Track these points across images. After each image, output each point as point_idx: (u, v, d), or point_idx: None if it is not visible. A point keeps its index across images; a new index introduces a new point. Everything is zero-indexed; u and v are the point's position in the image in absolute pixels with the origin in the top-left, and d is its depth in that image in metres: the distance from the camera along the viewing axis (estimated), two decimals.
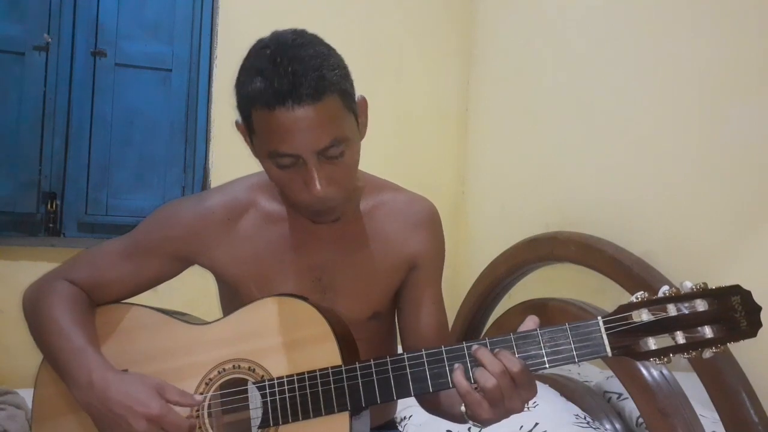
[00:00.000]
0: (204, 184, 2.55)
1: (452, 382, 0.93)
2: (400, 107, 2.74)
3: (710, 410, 1.50)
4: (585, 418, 1.67)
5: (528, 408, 0.98)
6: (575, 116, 2.15)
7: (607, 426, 1.68)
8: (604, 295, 1.85)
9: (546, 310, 1.81)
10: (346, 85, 0.99)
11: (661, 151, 1.80)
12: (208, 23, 2.57)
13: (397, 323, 1.22)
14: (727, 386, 1.44)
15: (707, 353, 0.89)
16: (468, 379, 0.93)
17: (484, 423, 0.95)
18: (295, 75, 0.93)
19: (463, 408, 0.95)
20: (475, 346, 0.94)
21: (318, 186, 0.97)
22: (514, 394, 0.91)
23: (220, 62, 2.54)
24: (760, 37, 1.54)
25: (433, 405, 1.16)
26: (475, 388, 0.92)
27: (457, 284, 2.63)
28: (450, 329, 2.39)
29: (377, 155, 2.62)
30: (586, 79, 2.12)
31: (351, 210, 1.15)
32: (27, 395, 1.15)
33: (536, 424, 1.62)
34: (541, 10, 2.37)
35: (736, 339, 0.89)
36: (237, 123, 1.06)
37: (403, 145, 2.73)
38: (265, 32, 1.02)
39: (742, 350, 1.46)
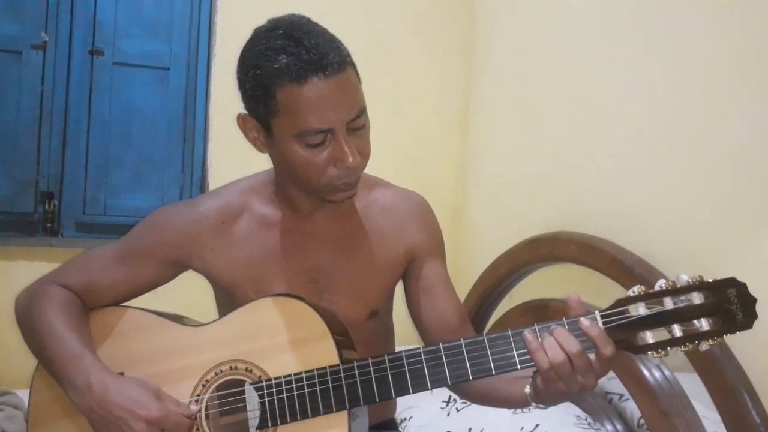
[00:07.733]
0: (202, 183, 2.54)
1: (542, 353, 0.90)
2: (400, 107, 2.73)
3: (712, 411, 1.49)
4: (586, 419, 1.66)
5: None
6: (576, 116, 2.14)
7: (609, 427, 1.67)
8: (606, 295, 1.83)
9: (547, 310, 1.80)
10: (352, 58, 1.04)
11: (662, 151, 1.79)
12: (206, 22, 2.55)
13: (414, 321, 1.20)
14: (728, 387, 1.43)
15: (704, 346, 0.89)
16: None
17: (554, 401, 0.95)
18: (318, 47, 0.96)
19: (528, 389, 0.95)
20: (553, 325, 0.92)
21: (351, 158, 0.99)
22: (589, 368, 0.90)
23: (219, 61, 2.52)
24: (761, 36, 1.53)
25: (479, 392, 1.13)
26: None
27: (457, 285, 2.58)
28: None
29: (377, 155, 2.60)
30: (586, 79, 2.11)
31: (344, 208, 1.14)
32: (26, 396, 1.14)
33: (537, 425, 1.61)
34: (542, 10, 2.36)
35: (732, 331, 0.89)
36: (240, 117, 1.06)
37: (403, 145, 2.72)
38: None
39: (743, 350, 1.46)
